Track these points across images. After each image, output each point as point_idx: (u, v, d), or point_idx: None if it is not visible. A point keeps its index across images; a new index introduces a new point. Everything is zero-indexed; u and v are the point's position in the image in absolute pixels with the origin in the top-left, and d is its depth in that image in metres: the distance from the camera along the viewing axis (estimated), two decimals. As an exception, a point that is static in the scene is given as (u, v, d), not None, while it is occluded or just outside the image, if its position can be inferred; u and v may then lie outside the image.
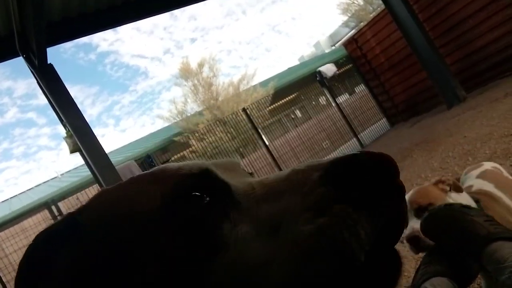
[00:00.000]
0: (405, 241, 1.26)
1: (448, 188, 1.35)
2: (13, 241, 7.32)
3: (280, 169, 8.89)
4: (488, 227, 1.04)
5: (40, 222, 7.58)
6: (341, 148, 9.60)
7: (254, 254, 0.43)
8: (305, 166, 0.48)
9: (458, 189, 1.37)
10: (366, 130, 9.97)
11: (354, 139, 9.79)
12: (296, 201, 0.44)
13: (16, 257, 7.26)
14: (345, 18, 21.52)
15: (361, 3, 19.63)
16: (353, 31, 19.49)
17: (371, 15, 17.22)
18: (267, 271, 0.42)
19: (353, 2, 19.85)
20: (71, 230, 0.48)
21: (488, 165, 1.71)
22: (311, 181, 0.45)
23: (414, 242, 1.23)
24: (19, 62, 4.70)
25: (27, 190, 16.15)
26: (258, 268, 0.42)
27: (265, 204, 0.47)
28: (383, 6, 7.61)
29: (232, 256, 0.43)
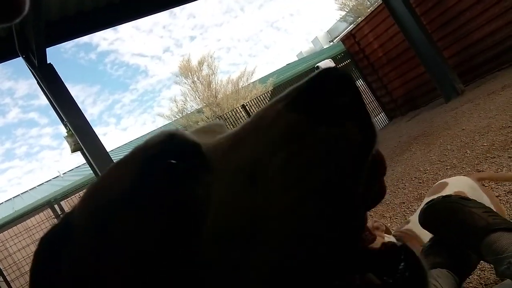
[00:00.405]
0: None
1: (383, 234, 1.41)
2: (17, 240, 7.36)
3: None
4: (486, 218, 1.06)
5: (43, 221, 7.61)
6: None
7: (238, 212, 0.38)
8: (270, 102, 0.43)
9: (388, 232, 1.48)
10: (365, 125, 10.00)
11: (353, 134, 9.81)
12: (264, 138, 0.40)
13: (20, 256, 7.31)
14: (342, 13, 21.47)
15: (359, -3, 19.61)
16: (351, 26, 19.48)
17: (369, 10, 17.21)
18: (259, 225, 0.37)
19: (351, -3, 19.84)
20: (68, 230, 0.47)
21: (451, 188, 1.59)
22: (274, 112, 0.40)
23: None
24: (20, 62, 4.72)
25: (30, 189, 16.17)
26: (249, 225, 0.37)
27: (234, 154, 0.42)
28: (380, 1, 7.62)
29: (214, 225, 0.39)
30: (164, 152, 0.43)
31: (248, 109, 9.12)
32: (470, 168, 3.06)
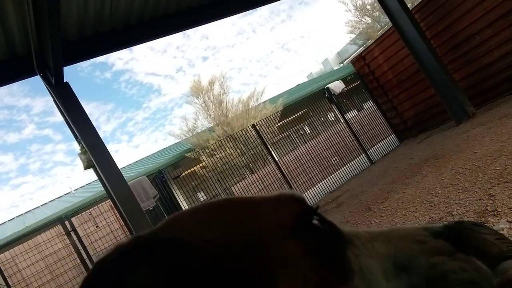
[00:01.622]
0: None
1: None
2: (26, 256, 7.39)
3: (290, 186, 8.91)
4: (499, 245, 1.05)
5: (53, 237, 7.66)
6: (350, 164, 9.60)
7: (382, 285, 0.44)
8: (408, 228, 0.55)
9: None
10: (375, 146, 9.97)
11: (363, 155, 9.78)
12: (413, 244, 0.49)
13: (29, 272, 7.33)
14: (352, 36, 21.68)
15: (369, 21, 19.81)
16: (361, 49, 19.65)
17: (379, 33, 17.37)
18: None
19: (361, 20, 20.04)
20: (145, 250, 0.40)
21: None
22: (419, 233, 0.51)
23: None
24: (37, 80, 4.85)
25: (41, 205, 16.34)
26: None
27: (379, 244, 0.49)
28: (390, 24, 7.71)
29: (359, 285, 0.43)
30: (316, 216, 0.49)
31: (258, 128, 9.17)
32: (483, 192, 3.03)
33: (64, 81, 4.73)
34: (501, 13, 6.37)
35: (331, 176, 9.39)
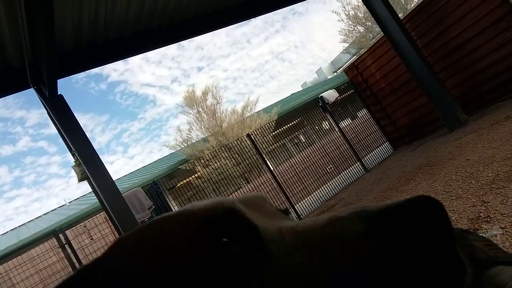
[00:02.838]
0: None
1: None
2: (20, 270, 7.29)
3: (286, 195, 8.91)
4: (487, 251, 1.07)
5: (47, 250, 7.57)
6: (345, 172, 9.63)
7: None
8: (347, 213, 0.40)
9: None
10: (370, 154, 10.02)
11: (358, 163, 9.82)
12: (341, 257, 0.37)
13: (23, 287, 7.22)
14: (346, 45, 21.92)
15: (362, 30, 20.05)
16: (354, 58, 19.85)
17: (371, 42, 17.57)
18: None
19: (354, 29, 20.28)
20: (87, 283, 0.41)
21: None
22: (356, 233, 0.38)
23: None
24: (32, 92, 4.84)
25: (35, 218, 16.21)
26: None
27: (301, 257, 0.38)
28: (382, 33, 7.82)
29: None
30: (221, 232, 0.39)
31: (253, 138, 9.19)
32: (476, 199, 3.06)
33: (58, 93, 4.73)
34: (492, 20, 6.48)
35: (326, 185, 9.41)
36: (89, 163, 4.66)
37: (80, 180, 4.85)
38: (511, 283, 0.96)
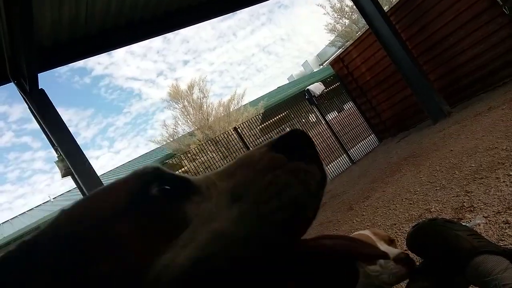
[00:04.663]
0: None
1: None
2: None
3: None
4: (471, 241, 1.08)
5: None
6: (332, 164, 9.68)
7: (217, 223, 0.48)
8: (255, 148, 0.57)
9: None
10: (356, 146, 10.09)
11: (344, 155, 9.89)
12: (250, 170, 0.52)
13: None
14: (332, 37, 21.95)
15: (347, 22, 20.08)
16: (339, 51, 19.89)
17: (357, 34, 17.63)
18: (228, 234, 0.47)
19: (339, 22, 20.32)
20: (26, 254, 0.46)
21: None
22: (259, 153, 0.54)
23: None
24: (14, 86, 4.72)
25: (19, 214, 15.91)
26: (221, 233, 0.47)
27: (223, 182, 0.53)
28: (368, 26, 7.84)
29: (193, 230, 0.48)
30: (157, 178, 0.53)
31: (240, 131, 9.16)
32: (459, 189, 3.10)
33: (40, 88, 4.62)
34: (472, 14, 6.56)
35: (313, 177, 9.43)
36: (72, 158, 4.59)
37: (64, 175, 4.77)
38: (495, 271, 0.97)
